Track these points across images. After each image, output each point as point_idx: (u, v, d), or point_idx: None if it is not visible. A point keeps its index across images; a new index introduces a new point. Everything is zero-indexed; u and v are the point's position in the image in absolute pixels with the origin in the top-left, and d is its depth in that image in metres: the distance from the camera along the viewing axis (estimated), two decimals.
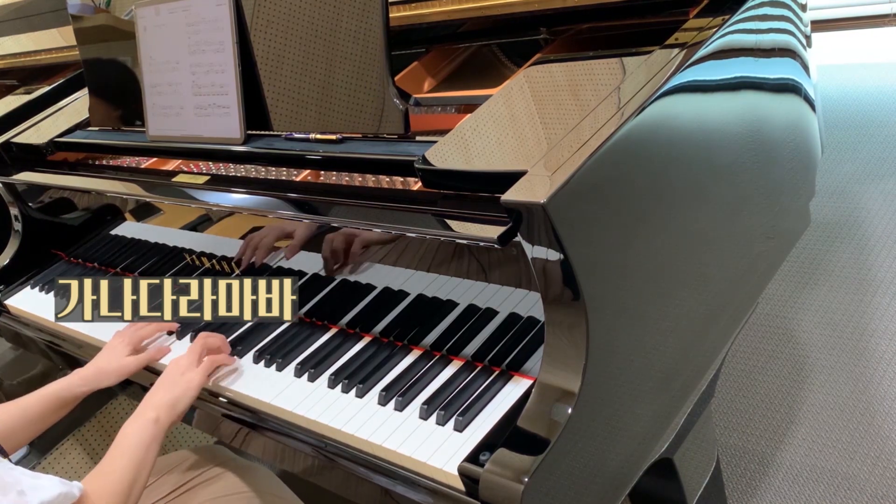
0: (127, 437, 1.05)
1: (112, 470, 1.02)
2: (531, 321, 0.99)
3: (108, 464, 1.03)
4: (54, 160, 1.66)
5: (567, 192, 0.82)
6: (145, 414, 1.08)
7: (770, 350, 1.93)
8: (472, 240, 0.94)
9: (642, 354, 0.96)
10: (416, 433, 0.97)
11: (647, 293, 0.96)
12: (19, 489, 0.89)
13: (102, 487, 0.99)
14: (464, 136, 1.02)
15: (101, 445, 1.91)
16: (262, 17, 1.24)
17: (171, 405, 1.10)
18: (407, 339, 1.13)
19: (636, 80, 0.97)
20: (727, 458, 1.67)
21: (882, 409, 1.68)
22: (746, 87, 1.15)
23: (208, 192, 1.28)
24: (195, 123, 1.33)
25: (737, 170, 1.13)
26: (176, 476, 1.29)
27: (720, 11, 1.07)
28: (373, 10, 1.12)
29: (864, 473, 1.56)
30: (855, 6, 2.92)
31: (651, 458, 1.01)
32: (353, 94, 1.15)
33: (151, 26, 1.39)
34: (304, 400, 1.08)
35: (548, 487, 0.84)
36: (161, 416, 1.08)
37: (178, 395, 1.11)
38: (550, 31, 1.28)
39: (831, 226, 2.28)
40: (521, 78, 1.12)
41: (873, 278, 2.05)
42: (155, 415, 1.07)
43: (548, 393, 0.87)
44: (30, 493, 0.89)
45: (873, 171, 2.49)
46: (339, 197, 1.11)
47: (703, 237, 1.07)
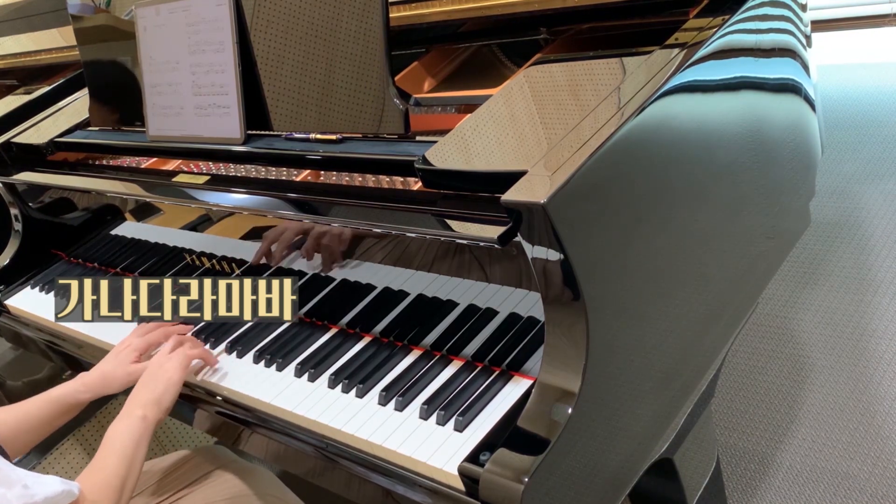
0: (117, 435, 1.06)
1: (104, 467, 1.02)
2: (531, 321, 0.99)
3: (100, 462, 1.03)
4: (54, 160, 1.66)
5: (567, 192, 0.82)
6: (133, 412, 1.08)
7: (770, 350, 1.93)
8: (472, 240, 0.94)
9: (642, 354, 0.96)
10: (417, 433, 0.97)
11: (647, 293, 0.96)
12: (24, 483, 0.90)
13: (97, 485, 1.00)
14: (464, 136, 1.02)
15: None
16: (262, 17, 1.24)
17: (157, 402, 1.11)
18: (407, 339, 1.13)
19: (636, 80, 0.97)
20: (727, 458, 1.67)
21: (882, 409, 1.68)
22: (746, 87, 1.15)
23: (208, 192, 1.28)
24: (195, 123, 1.33)
25: (737, 170, 1.13)
26: (177, 476, 1.29)
27: (720, 11, 1.07)
28: (373, 10, 1.12)
29: (864, 473, 1.56)
30: (855, 6, 2.92)
31: (651, 458, 1.01)
32: (353, 94, 1.15)
33: (151, 26, 1.39)
34: (305, 400, 1.08)
35: (548, 487, 0.84)
36: (148, 413, 1.09)
37: (162, 392, 1.12)
38: (550, 31, 1.28)
39: (831, 226, 2.28)
40: (521, 78, 1.12)
41: (873, 278, 2.05)
42: (142, 412, 1.08)
43: (548, 393, 0.87)
44: (34, 487, 0.90)
45: (873, 171, 2.49)
46: (339, 197, 1.11)
47: (703, 237, 1.07)
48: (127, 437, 1.05)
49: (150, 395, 1.11)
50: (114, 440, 1.05)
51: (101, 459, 1.03)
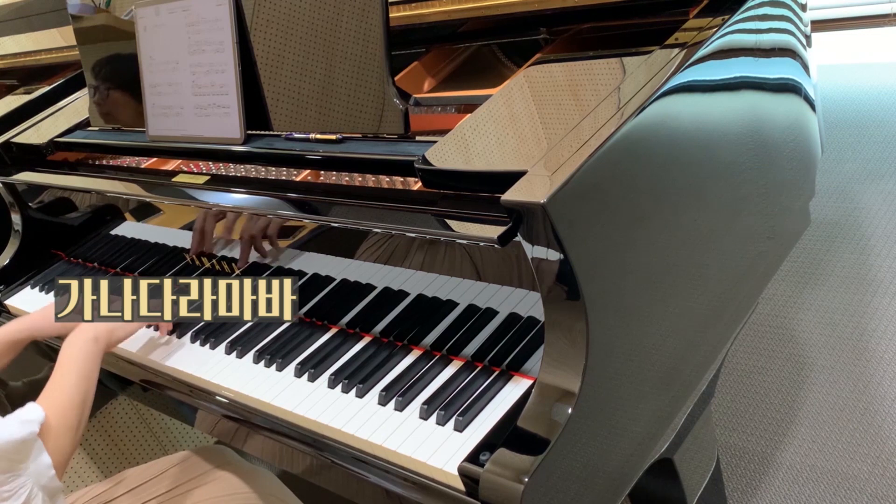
0: (71, 354, 1.11)
1: (63, 387, 1.06)
2: (531, 321, 0.99)
3: (58, 383, 1.07)
4: (54, 160, 1.66)
5: (567, 192, 0.82)
6: (84, 334, 1.13)
7: (770, 350, 1.93)
8: (473, 240, 0.94)
9: (642, 354, 0.96)
10: (416, 433, 0.97)
11: (646, 293, 0.96)
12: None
13: (56, 406, 1.03)
14: (464, 136, 1.02)
15: (102, 445, 1.91)
16: (262, 17, 1.24)
17: (109, 330, 1.16)
18: (407, 339, 1.13)
19: (636, 80, 0.97)
20: (727, 458, 1.67)
21: (882, 409, 1.69)
22: (746, 87, 1.16)
23: (208, 192, 1.28)
24: (195, 123, 1.33)
25: (737, 170, 1.13)
26: (177, 474, 1.29)
27: (720, 11, 1.07)
28: (373, 10, 1.12)
29: (864, 473, 1.56)
30: (855, 6, 2.92)
31: (651, 458, 1.01)
32: (353, 94, 1.15)
33: (151, 26, 1.39)
34: (305, 400, 1.08)
35: (548, 487, 0.84)
36: (99, 335, 1.14)
37: (116, 326, 1.17)
38: (550, 31, 1.28)
39: (831, 226, 2.28)
40: (521, 78, 1.12)
41: (873, 278, 2.05)
42: (93, 334, 1.13)
43: (548, 393, 0.87)
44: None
45: (873, 171, 2.49)
46: (339, 197, 1.11)
47: (703, 237, 1.07)
48: (80, 355, 1.10)
49: (103, 325, 1.16)
50: (68, 361, 1.10)
51: (59, 381, 1.07)
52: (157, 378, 1.28)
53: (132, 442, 1.95)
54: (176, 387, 1.25)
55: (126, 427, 1.95)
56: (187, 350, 1.27)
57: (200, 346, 1.27)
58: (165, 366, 1.26)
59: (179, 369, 1.24)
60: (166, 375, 1.27)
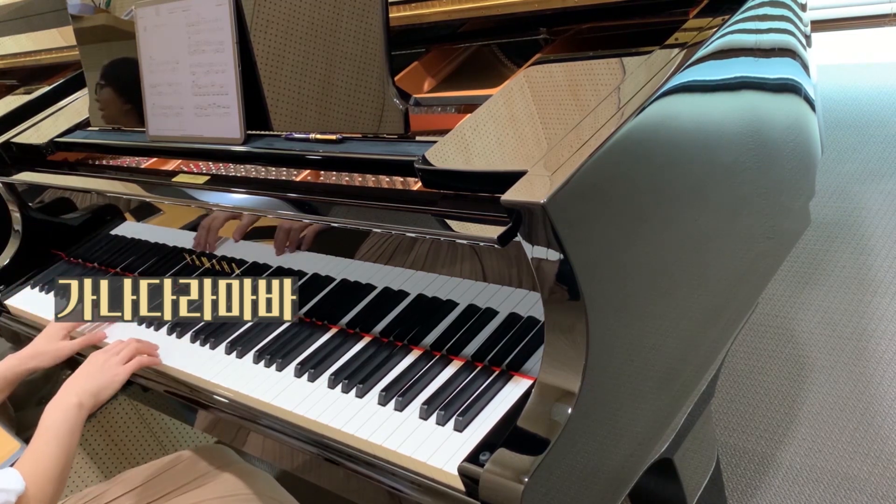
0: (54, 422, 1.09)
1: (45, 456, 1.06)
2: (531, 321, 0.99)
3: (39, 450, 1.07)
4: (54, 160, 1.66)
5: (567, 192, 0.82)
6: (69, 399, 1.12)
7: (770, 350, 1.93)
8: (472, 240, 0.94)
9: (642, 354, 0.96)
10: (416, 433, 0.97)
11: (646, 293, 0.96)
12: None
13: (36, 477, 1.03)
14: (464, 136, 1.02)
15: (101, 446, 1.91)
16: (262, 17, 1.24)
17: (94, 394, 1.14)
18: (407, 339, 1.13)
19: (636, 80, 0.97)
20: (727, 458, 1.67)
21: (882, 409, 1.69)
22: (746, 87, 1.15)
23: (208, 192, 1.28)
24: (195, 123, 1.33)
25: (737, 170, 1.13)
26: (177, 474, 1.29)
27: (720, 11, 1.07)
28: (373, 10, 1.12)
29: (864, 473, 1.56)
30: (855, 6, 2.92)
31: (651, 458, 1.01)
32: (353, 94, 1.15)
33: (151, 26, 1.39)
34: (304, 400, 1.08)
35: (548, 487, 0.84)
36: (84, 401, 1.12)
37: (102, 385, 1.16)
38: (550, 31, 1.28)
39: (831, 226, 2.28)
40: (521, 78, 1.12)
41: (873, 278, 2.05)
42: (77, 400, 1.12)
43: (548, 393, 0.87)
44: None
45: (873, 171, 2.49)
46: (339, 197, 1.11)
47: (703, 237, 1.07)
48: (63, 425, 1.09)
49: (88, 386, 1.15)
50: (50, 428, 1.09)
51: (41, 448, 1.07)
52: (157, 378, 1.28)
53: (132, 442, 1.95)
54: (176, 387, 1.25)
55: (126, 427, 1.95)
56: (187, 350, 1.28)
57: (200, 346, 1.27)
58: (165, 366, 1.26)
59: (179, 369, 1.24)
60: (166, 375, 1.27)
